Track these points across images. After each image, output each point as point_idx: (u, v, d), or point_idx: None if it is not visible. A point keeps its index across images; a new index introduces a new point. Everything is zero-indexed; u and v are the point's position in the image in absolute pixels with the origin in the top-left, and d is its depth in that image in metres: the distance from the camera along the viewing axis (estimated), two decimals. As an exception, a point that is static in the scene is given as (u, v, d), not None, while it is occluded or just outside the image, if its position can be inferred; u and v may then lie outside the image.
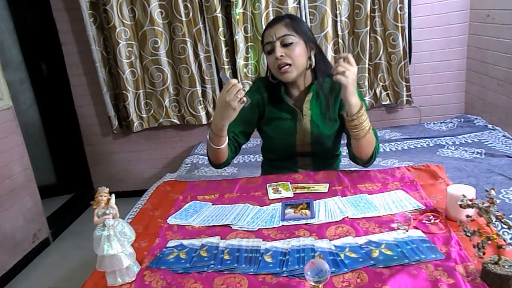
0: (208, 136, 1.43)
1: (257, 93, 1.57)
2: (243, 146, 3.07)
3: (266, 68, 1.59)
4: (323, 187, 1.37)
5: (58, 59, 3.27)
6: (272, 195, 1.35)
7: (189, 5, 2.94)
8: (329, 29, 2.91)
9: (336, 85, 1.49)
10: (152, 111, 3.24)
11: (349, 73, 1.26)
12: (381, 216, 1.15)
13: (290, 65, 1.42)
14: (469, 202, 0.90)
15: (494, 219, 0.85)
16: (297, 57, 1.43)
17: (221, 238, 1.11)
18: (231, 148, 1.51)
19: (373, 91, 3.10)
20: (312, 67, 1.49)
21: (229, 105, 1.27)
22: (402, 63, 2.95)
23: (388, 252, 0.97)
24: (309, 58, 1.48)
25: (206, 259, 1.01)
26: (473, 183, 1.84)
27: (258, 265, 0.97)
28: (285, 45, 1.42)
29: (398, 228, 1.07)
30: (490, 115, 2.81)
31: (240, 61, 3.02)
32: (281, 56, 1.41)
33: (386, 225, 1.10)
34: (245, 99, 1.28)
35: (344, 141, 1.60)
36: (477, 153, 2.37)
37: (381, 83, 3.07)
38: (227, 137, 1.42)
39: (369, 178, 1.42)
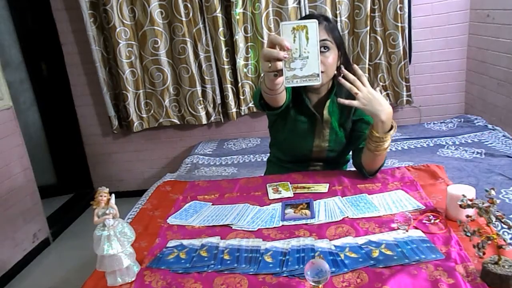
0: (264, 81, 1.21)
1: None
2: (243, 146, 3.09)
3: None
4: (323, 187, 1.36)
5: (58, 59, 3.28)
6: (272, 195, 1.35)
7: (189, 5, 2.94)
8: (329, 29, 2.91)
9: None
10: (152, 111, 3.24)
11: (359, 96, 1.21)
12: (381, 216, 1.15)
13: (322, 72, 1.33)
14: (469, 202, 0.90)
15: (494, 219, 0.85)
16: (330, 65, 1.36)
17: (221, 238, 1.11)
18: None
19: (373, 91, 3.09)
20: (340, 77, 1.42)
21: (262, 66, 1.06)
22: (402, 63, 2.95)
23: (388, 252, 0.97)
24: (338, 67, 1.42)
25: (206, 259, 1.01)
26: (473, 183, 1.84)
27: (258, 265, 0.97)
28: (320, 51, 1.33)
29: (398, 228, 1.07)
30: (490, 115, 2.81)
31: (240, 61, 3.02)
32: None
33: (386, 225, 1.10)
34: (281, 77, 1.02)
35: None
36: (477, 153, 2.37)
37: (381, 83, 3.07)
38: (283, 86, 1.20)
39: (369, 178, 1.42)
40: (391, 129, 1.27)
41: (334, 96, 1.47)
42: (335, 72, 1.43)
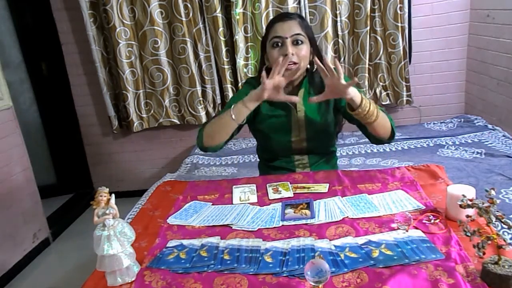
0: (231, 112, 1.38)
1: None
2: (243, 146, 3.08)
3: (260, 63, 1.58)
4: (323, 187, 1.37)
5: (58, 59, 3.27)
6: (272, 195, 1.35)
7: (189, 5, 2.93)
8: (329, 29, 2.91)
9: None
10: (152, 111, 3.24)
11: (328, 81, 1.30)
12: (381, 216, 1.15)
13: (296, 63, 1.43)
14: (469, 202, 0.90)
15: (494, 219, 0.85)
16: (303, 58, 1.44)
17: (221, 238, 1.11)
18: None
19: (373, 91, 3.09)
20: (313, 71, 1.51)
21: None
22: (402, 63, 2.94)
23: (388, 252, 0.97)
24: (310, 61, 1.49)
25: (206, 259, 1.01)
26: (473, 183, 1.84)
27: (258, 265, 0.97)
28: (295, 44, 1.43)
29: (398, 228, 1.07)
30: (490, 115, 2.81)
31: (240, 61, 3.02)
32: (292, 54, 1.41)
33: (386, 225, 1.10)
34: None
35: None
36: (477, 153, 2.37)
37: (381, 83, 3.07)
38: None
39: (369, 178, 1.42)
40: (362, 101, 1.32)
41: (306, 86, 1.52)
42: (308, 65, 1.50)
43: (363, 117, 1.32)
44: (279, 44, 1.44)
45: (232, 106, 1.39)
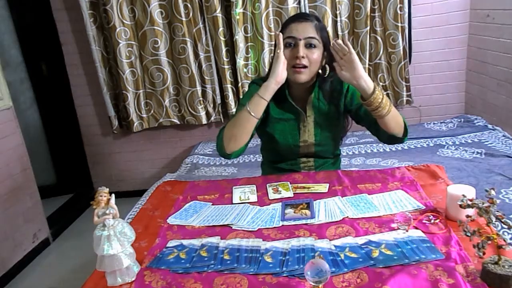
0: (248, 107, 1.36)
1: None
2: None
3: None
4: (323, 187, 1.37)
5: (58, 59, 3.27)
6: (272, 195, 1.35)
7: (189, 5, 2.94)
8: (329, 29, 2.91)
9: (337, 84, 1.50)
10: (152, 111, 3.24)
11: (346, 61, 1.29)
12: (381, 216, 1.15)
13: (306, 67, 1.41)
14: (469, 202, 0.90)
15: (494, 219, 0.85)
16: (314, 62, 1.42)
17: (221, 238, 1.11)
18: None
19: (373, 91, 3.09)
20: (324, 76, 1.49)
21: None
22: (402, 63, 2.95)
23: (388, 252, 0.97)
24: (322, 67, 1.48)
25: (206, 259, 1.01)
26: (473, 183, 1.84)
27: (258, 265, 0.97)
28: (307, 46, 1.41)
29: (398, 228, 1.07)
30: (490, 115, 2.81)
31: (240, 61, 3.02)
32: (303, 57, 1.40)
33: (386, 225, 1.10)
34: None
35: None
36: (477, 153, 2.37)
37: (381, 83, 3.07)
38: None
39: (369, 178, 1.42)
40: (375, 89, 1.30)
41: (317, 91, 1.50)
42: (320, 70, 1.48)
43: (376, 108, 1.29)
44: (292, 44, 1.41)
45: (247, 102, 1.36)
